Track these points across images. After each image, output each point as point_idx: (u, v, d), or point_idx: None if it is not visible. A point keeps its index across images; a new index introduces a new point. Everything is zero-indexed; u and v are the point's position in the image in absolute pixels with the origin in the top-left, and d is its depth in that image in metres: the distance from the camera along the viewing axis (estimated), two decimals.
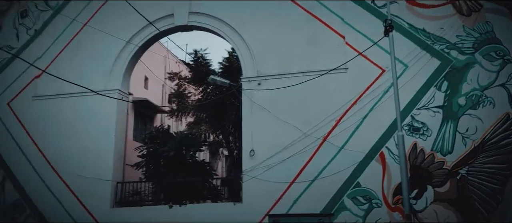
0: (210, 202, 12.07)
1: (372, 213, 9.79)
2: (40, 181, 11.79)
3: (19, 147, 12.22)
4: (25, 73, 12.90)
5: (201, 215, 10.80)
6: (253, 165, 10.70)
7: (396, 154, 9.63)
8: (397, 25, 10.22)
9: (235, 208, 10.63)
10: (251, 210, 10.37)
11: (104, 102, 11.99)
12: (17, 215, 11.69)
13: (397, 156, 9.57)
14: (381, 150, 10.06)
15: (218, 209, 11.03)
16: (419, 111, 10.12)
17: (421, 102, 10.14)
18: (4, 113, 12.68)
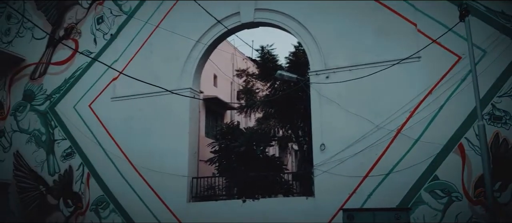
0: (282, 197, 12.13)
1: (452, 207, 9.38)
2: (121, 178, 12.46)
3: (101, 146, 12.97)
4: (104, 76, 13.63)
5: (274, 209, 10.90)
6: (324, 159, 10.62)
7: (477, 145, 9.13)
8: (473, 9, 9.65)
9: (308, 203, 10.63)
10: (323, 204, 10.33)
11: (177, 101, 12.44)
12: (101, 209, 12.45)
13: (477, 147, 9.09)
14: (460, 141, 9.58)
15: (290, 204, 11.09)
16: (500, 99, 9.51)
17: (502, 89, 9.53)
18: (86, 115, 13.50)
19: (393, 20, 10.80)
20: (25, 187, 13.62)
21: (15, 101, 14.68)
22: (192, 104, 12.71)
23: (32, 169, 13.68)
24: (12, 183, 13.81)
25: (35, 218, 13.17)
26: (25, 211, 13.41)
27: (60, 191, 13.11)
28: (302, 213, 10.54)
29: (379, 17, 10.91)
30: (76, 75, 14.05)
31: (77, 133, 13.37)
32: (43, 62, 14.69)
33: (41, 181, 13.44)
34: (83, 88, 13.83)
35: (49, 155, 13.60)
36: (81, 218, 12.58)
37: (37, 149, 13.82)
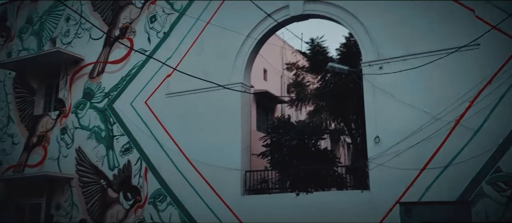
0: (336, 190, 12.04)
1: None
2: (177, 172, 12.82)
3: (157, 141, 13.38)
4: (158, 74, 14.01)
5: (328, 202, 10.86)
6: (379, 152, 10.44)
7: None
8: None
9: (363, 196, 10.50)
10: (379, 198, 10.17)
11: (228, 96, 12.63)
12: (159, 202, 12.87)
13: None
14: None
15: (344, 197, 10.99)
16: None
17: None
18: (142, 111, 13.96)
19: (448, 6, 10.41)
20: (87, 181, 14.31)
21: (76, 99, 15.40)
22: (243, 99, 12.86)
23: (93, 164, 14.33)
24: (75, 177, 14.54)
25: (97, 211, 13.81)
26: (87, 204, 14.08)
27: (120, 185, 13.67)
28: (357, 206, 10.43)
29: (434, 4, 10.54)
30: (132, 73, 14.54)
31: (135, 129, 13.86)
32: (101, 61, 15.31)
33: (102, 175, 14.07)
34: (139, 86, 14.29)
35: (109, 150, 14.19)
36: (140, 211, 13.06)
37: (98, 144, 14.45)
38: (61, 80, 15.99)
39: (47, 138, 15.55)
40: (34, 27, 17.29)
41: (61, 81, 16.00)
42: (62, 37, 16.39)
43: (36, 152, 15.66)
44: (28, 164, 15.67)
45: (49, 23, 16.90)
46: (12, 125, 16.52)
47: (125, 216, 13.26)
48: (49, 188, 14.86)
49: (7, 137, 16.48)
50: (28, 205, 15.17)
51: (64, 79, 15.91)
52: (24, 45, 17.30)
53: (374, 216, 10.14)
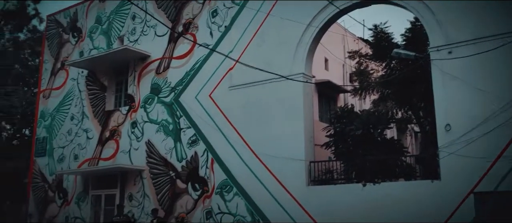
0: (404, 180, 11.72)
1: None
2: (242, 163, 13.04)
3: (222, 133, 13.66)
4: (221, 67, 14.27)
5: (396, 193, 10.61)
6: (450, 140, 10.03)
7: None
8: None
9: (433, 186, 10.14)
10: (451, 188, 9.78)
11: (290, 87, 12.63)
12: (225, 193, 13.17)
13: None
14: None
15: (414, 187, 10.68)
16: None
17: None
18: (207, 104, 14.30)
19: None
20: (157, 172, 14.91)
21: (144, 94, 16.04)
22: (305, 89, 12.81)
23: (162, 156, 14.90)
24: (145, 169, 15.20)
25: (167, 201, 14.37)
26: (158, 195, 14.68)
27: (188, 176, 14.13)
28: (427, 197, 10.10)
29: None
30: (196, 68, 14.91)
31: (200, 122, 14.24)
32: (166, 57, 15.83)
33: (170, 167, 14.60)
34: (203, 79, 14.63)
35: (177, 142, 14.68)
36: (208, 201, 13.44)
37: (166, 137, 15.00)
38: (130, 77, 16.71)
39: (118, 132, 16.36)
40: (102, 26, 18.15)
41: (129, 77, 16.73)
42: (129, 35, 17.09)
43: (109, 145, 16.52)
44: (102, 157, 16.58)
45: (117, 22, 17.68)
46: (86, 121, 17.51)
47: (193, 206, 13.71)
48: (122, 179, 15.66)
49: (82, 132, 17.50)
50: (103, 196, 16.10)
51: (132, 75, 16.61)
52: (94, 44, 18.23)
53: (445, 206, 9.78)
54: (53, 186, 17.76)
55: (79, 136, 17.52)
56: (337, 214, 11.17)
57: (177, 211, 14.06)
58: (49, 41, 20.14)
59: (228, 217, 12.94)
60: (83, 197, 16.64)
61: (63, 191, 17.39)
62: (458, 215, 9.58)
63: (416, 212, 10.09)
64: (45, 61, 20.08)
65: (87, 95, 17.83)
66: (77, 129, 17.68)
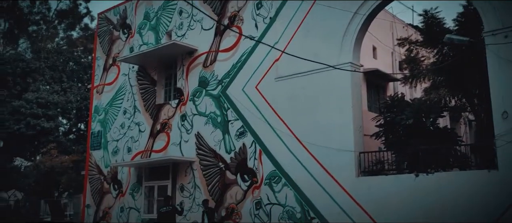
0: (458, 171, 11.33)
1: None
2: (290, 154, 13.06)
3: (269, 124, 13.73)
4: (266, 59, 14.32)
5: (450, 183, 10.29)
6: (508, 128, 9.61)
7: None
8: None
9: (490, 176, 9.76)
10: (509, 178, 9.36)
11: (338, 76, 12.50)
12: (274, 184, 13.25)
13: None
14: None
15: (468, 177, 10.32)
16: None
17: None
18: (254, 96, 14.40)
19: None
20: (207, 164, 15.20)
21: (193, 87, 16.35)
22: (353, 79, 12.63)
23: (212, 148, 15.17)
24: (195, 161, 15.53)
25: (218, 192, 14.64)
26: (208, 186, 14.97)
27: (237, 167, 14.33)
28: (483, 187, 9.76)
29: None
30: (242, 60, 15.03)
31: (248, 114, 14.37)
32: (213, 50, 16.04)
33: (220, 158, 14.85)
34: (249, 72, 14.73)
35: (225, 134, 14.90)
36: (257, 192, 13.58)
37: (214, 129, 15.25)
38: (178, 71, 17.08)
39: (169, 125, 16.79)
40: (151, 22, 18.61)
41: (178, 71, 17.10)
42: (177, 30, 17.43)
43: (160, 138, 16.99)
44: (154, 150, 17.08)
45: (164, 17, 18.07)
46: (138, 114, 18.08)
47: (243, 196, 13.90)
48: (174, 171, 16.10)
49: (135, 126, 18.08)
50: (156, 187, 16.62)
51: (181, 69, 16.97)
52: (144, 40, 18.73)
53: (503, 196, 9.44)
54: (109, 178, 18.51)
55: (132, 130, 18.12)
56: (388, 205, 11.01)
57: (227, 202, 14.31)
58: (101, 38, 20.89)
59: (278, 208, 13.02)
60: (137, 188, 17.24)
61: (118, 183, 18.10)
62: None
63: (472, 203, 9.78)
64: (97, 57, 20.86)
65: (138, 90, 18.38)
66: (129, 122, 18.29)
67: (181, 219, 15.13)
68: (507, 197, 9.37)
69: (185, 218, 15.22)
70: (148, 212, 16.74)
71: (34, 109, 26.47)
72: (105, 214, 18.22)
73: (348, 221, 11.59)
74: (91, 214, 18.80)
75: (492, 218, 9.48)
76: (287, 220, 12.77)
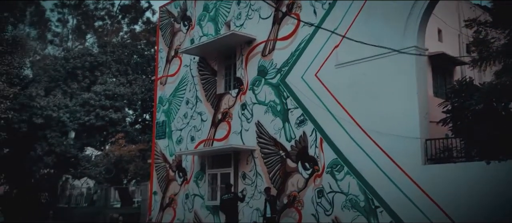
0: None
1: None
2: (352, 141, 12.90)
3: (330, 112, 13.62)
4: (326, 45, 14.18)
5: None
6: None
7: None
8: None
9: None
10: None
11: (402, 61, 12.15)
12: (336, 172, 13.15)
13: None
14: None
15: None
16: None
17: None
18: (313, 83, 14.31)
19: None
20: (268, 152, 15.35)
21: (252, 77, 16.51)
22: (418, 63, 12.21)
23: (272, 136, 15.29)
24: (256, 149, 15.72)
25: (279, 180, 14.75)
26: (270, 174, 15.13)
27: (297, 155, 14.35)
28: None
29: None
30: (300, 48, 14.96)
31: (307, 102, 14.32)
32: (271, 39, 16.08)
33: (280, 147, 14.94)
34: (308, 59, 14.64)
35: (285, 123, 14.95)
36: (319, 180, 13.55)
37: (274, 118, 15.34)
38: (238, 60, 17.30)
39: (229, 114, 17.09)
40: (210, 13, 18.93)
41: (237, 61, 17.32)
42: (235, 20, 17.63)
43: (222, 127, 17.35)
44: (216, 138, 17.48)
45: (223, 8, 18.31)
46: (200, 104, 18.54)
47: (305, 184, 13.93)
48: (235, 159, 16.40)
49: (197, 115, 18.57)
50: (219, 174, 17.03)
51: (240, 59, 17.17)
52: (204, 31, 19.11)
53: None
54: (174, 166, 19.19)
55: (194, 119, 18.63)
56: (457, 193, 10.62)
57: (288, 190, 14.39)
58: (163, 31, 21.54)
59: (340, 196, 12.94)
60: (201, 176, 17.75)
61: (182, 171, 18.72)
62: None
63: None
64: (160, 50, 21.55)
65: (199, 80, 18.83)
66: (192, 112, 18.80)
67: (244, 206, 15.42)
68: None
69: (247, 205, 15.50)
70: (211, 199, 17.21)
71: (103, 101, 27.86)
72: (171, 200, 18.95)
73: (415, 210, 11.30)
74: (158, 201, 19.62)
75: None
76: (350, 208, 12.66)
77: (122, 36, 39.74)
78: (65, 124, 27.35)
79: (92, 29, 42.07)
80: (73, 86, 29.73)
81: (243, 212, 15.40)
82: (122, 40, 36.91)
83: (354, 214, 12.55)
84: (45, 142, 26.83)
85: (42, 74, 30.60)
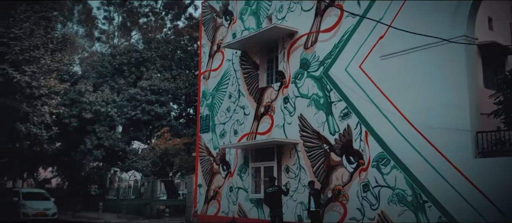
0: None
1: None
2: (398, 135, 12.60)
3: (375, 104, 13.35)
4: (370, 37, 13.87)
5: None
6: None
7: None
8: None
9: None
10: None
11: (451, 51, 11.75)
12: (382, 166, 12.90)
13: None
14: None
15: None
16: None
17: None
18: (357, 75, 14.06)
19: None
20: (311, 146, 15.26)
21: (294, 70, 16.43)
22: (467, 53, 11.75)
23: (315, 129, 15.17)
24: (299, 143, 15.66)
25: (323, 173, 14.66)
26: (313, 167, 15.05)
27: (342, 149, 14.18)
28: None
29: None
30: (344, 39, 14.73)
31: (351, 94, 14.10)
32: (314, 31, 15.92)
33: (324, 140, 14.80)
34: (352, 51, 14.40)
35: (328, 116, 14.80)
36: (364, 174, 13.34)
37: (317, 111, 15.21)
38: (280, 54, 17.25)
39: (272, 108, 17.10)
40: (251, 7, 18.95)
41: (279, 54, 17.28)
42: (277, 13, 17.56)
43: (264, 120, 17.40)
44: (258, 132, 17.55)
45: (264, 1, 18.29)
46: (243, 98, 18.65)
47: (349, 178, 13.75)
48: (278, 152, 16.41)
49: (239, 109, 18.70)
50: (262, 168, 17.10)
51: (282, 52, 17.11)
52: (245, 25, 19.17)
53: None
54: (218, 159, 19.44)
55: (237, 113, 18.77)
56: (510, 188, 10.15)
57: (333, 183, 14.26)
58: (205, 26, 21.79)
59: (387, 191, 12.68)
60: (244, 169, 17.89)
61: (226, 164, 18.94)
62: None
63: None
64: (202, 45, 21.82)
65: (241, 74, 18.93)
66: (235, 106, 18.95)
67: (287, 200, 15.43)
68: None
69: (291, 199, 15.49)
70: (255, 192, 17.32)
71: (148, 96, 28.57)
72: (215, 193, 19.23)
73: (465, 205, 10.92)
74: (203, 193, 19.96)
75: None
76: (397, 203, 12.39)
77: (166, 32, 40.54)
78: (113, 118, 28.29)
79: (137, 26, 43.13)
80: (120, 81, 30.67)
81: (287, 205, 15.40)
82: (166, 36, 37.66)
83: (401, 208, 12.28)
84: (94, 136, 27.86)
85: (91, 70, 31.72)
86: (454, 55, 11.72)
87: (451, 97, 11.59)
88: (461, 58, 11.66)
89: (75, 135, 28.34)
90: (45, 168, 42.27)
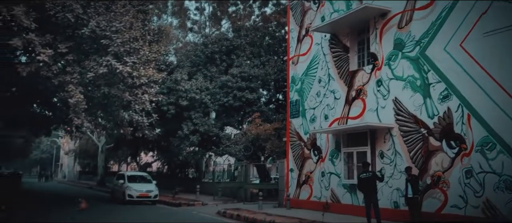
0: None
1: None
2: (506, 117, 11.62)
3: (479, 86, 12.41)
4: (471, 12, 12.89)
5: None
6: None
7: None
8: None
9: None
10: None
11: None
12: (487, 151, 12.01)
13: None
14: None
15: None
16: None
17: None
18: (458, 55, 13.15)
19: None
20: (407, 130, 14.62)
21: (387, 51, 15.78)
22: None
23: (412, 113, 14.50)
24: (394, 127, 15.08)
25: (421, 159, 14.01)
26: (410, 153, 14.43)
27: (441, 133, 13.42)
28: None
29: None
30: (442, 16, 13.84)
31: (452, 75, 13.25)
32: (408, 9, 15.14)
33: (421, 124, 14.10)
34: (451, 29, 13.48)
35: (426, 98, 14.05)
36: (467, 159, 12.52)
37: (414, 94, 14.51)
38: (371, 35, 16.66)
39: (364, 91, 16.62)
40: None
41: (371, 35, 16.69)
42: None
43: (356, 104, 16.99)
44: (350, 116, 17.20)
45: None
46: (333, 82, 18.36)
47: (450, 164, 12.99)
48: (372, 137, 15.97)
49: (330, 93, 18.44)
50: (355, 153, 16.78)
51: (373, 33, 16.52)
52: (334, 8, 18.76)
53: None
54: (308, 144, 19.42)
55: (327, 97, 18.54)
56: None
57: (432, 169, 13.57)
58: (293, 11, 21.69)
59: (493, 177, 11.79)
60: (336, 154, 17.69)
61: (317, 149, 18.86)
62: None
63: None
64: (291, 30, 21.77)
65: (331, 58, 18.62)
66: (324, 90, 18.74)
67: (383, 186, 15.00)
68: None
69: (386, 185, 15.04)
70: (348, 178, 17.08)
71: (239, 83, 29.25)
72: (307, 178, 19.27)
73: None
74: (295, 178, 20.10)
75: None
76: (504, 190, 11.48)
77: (254, 19, 41.05)
78: (206, 105, 29.44)
79: (227, 14, 44.16)
80: (212, 69, 31.74)
81: (382, 191, 14.96)
82: (254, 23, 38.17)
83: (509, 196, 11.37)
84: (190, 122, 29.22)
85: (185, 60, 33.19)
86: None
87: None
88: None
89: (173, 122, 29.94)
90: (146, 153, 45.37)
